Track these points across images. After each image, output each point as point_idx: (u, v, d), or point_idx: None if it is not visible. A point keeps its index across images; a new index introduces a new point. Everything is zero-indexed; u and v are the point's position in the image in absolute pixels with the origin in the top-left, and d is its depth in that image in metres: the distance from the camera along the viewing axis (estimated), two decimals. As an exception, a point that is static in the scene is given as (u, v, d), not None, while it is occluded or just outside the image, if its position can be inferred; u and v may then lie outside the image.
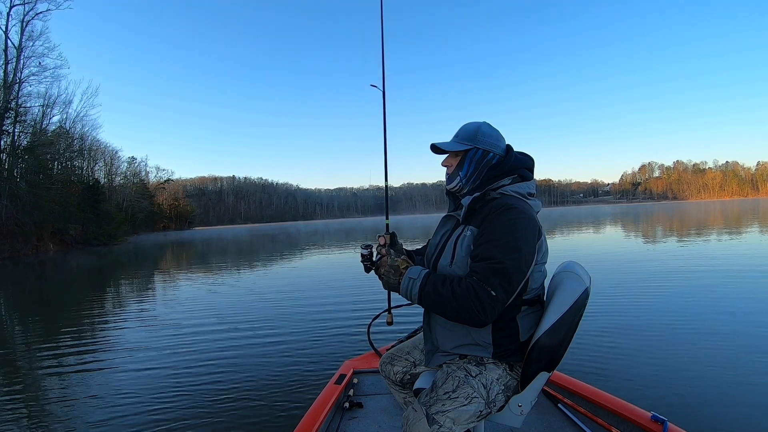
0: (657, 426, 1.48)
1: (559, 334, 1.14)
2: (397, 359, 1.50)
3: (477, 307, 1.03)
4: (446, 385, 1.17)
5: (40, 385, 3.54)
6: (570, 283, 1.20)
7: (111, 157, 57.37)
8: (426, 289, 1.13)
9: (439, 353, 1.28)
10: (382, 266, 1.25)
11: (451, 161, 1.29)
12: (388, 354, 1.54)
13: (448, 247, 1.23)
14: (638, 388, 2.70)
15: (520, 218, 1.11)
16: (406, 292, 1.18)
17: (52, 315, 6.75)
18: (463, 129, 1.29)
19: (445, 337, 1.25)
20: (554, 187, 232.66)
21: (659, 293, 5.53)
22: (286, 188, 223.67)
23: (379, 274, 1.26)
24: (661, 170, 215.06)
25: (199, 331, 5.00)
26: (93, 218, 36.17)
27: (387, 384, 1.57)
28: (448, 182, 1.31)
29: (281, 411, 2.72)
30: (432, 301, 1.12)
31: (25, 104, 30.16)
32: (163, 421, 2.65)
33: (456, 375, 1.18)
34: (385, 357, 1.54)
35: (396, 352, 1.53)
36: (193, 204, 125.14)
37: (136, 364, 3.86)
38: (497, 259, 1.05)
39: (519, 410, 1.21)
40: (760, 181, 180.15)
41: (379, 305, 2.49)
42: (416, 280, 1.16)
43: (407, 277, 1.18)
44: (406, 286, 1.17)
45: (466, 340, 1.21)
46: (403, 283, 1.18)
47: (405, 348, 1.52)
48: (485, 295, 1.03)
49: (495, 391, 1.17)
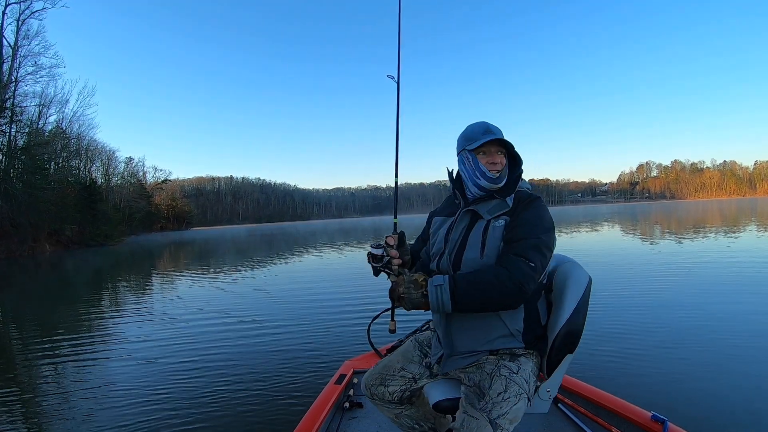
0: (657, 426, 1.48)
1: (580, 316, 1.23)
2: (390, 378, 1.37)
3: (519, 279, 1.07)
4: (495, 387, 1.13)
5: (38, 385, 3.52)
6: (578, 271, 1.30)
7: (108, 158, 57.31)
8: (459, 289, 1.09)
9: (458, 357, 1.24)
10: (400, 285, 1.16)
11: (502, 159, 1.28)
12: (376, 375, 1.40)
13: (472, 240, 1.22)
14: (638, 387, 2.70)
15: (545, 206, 1.23)
16: (436, 302, 1.11)
17: (46, 315, 6.71)
18: (495, 128, 1.29)
19: (471, 337, 1.22)
20: (552, 186, 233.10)
21: (659, 293, 5.54)
22: (284, 188, 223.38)
23: (396, 295, 1.16)
24: (659, 170, 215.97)
25: (198, 331, 4.98)
26: (90, 219, 36.01)
27: (373, 403, 1.43)
28: (497, 180, 1.26)
29: (281, 411, 2.71)
30: (470, 296, 1.09)
31: (21, 104, 30.04)
32: (163, 421, 2.64)
33: (501, 374, 1.16)
34: (372, 379, 1.40)
35: (383, 370, 1.39)
36: (191, 204, 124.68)
37: (134, 364, 3.83)
38: (533, 235, 1.14)
39: (547, 395, 1.25)
40: (758, 180, 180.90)
41: (379, 305, 2.48)
42: (444, 285, 1.11)
43: (432, 287, 1.12)
44: (436, 296, 1.11)
45: (499, 332, 1.20)
46: (431, 295, 1.11)
47: (393, 364, 1.40)
48: (525, 266, 1.09)
49: (532, 383, 1.20)
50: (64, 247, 30.70)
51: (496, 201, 1.25)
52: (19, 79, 29.79)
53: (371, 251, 1.25)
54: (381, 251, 1.24)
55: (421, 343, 1.45)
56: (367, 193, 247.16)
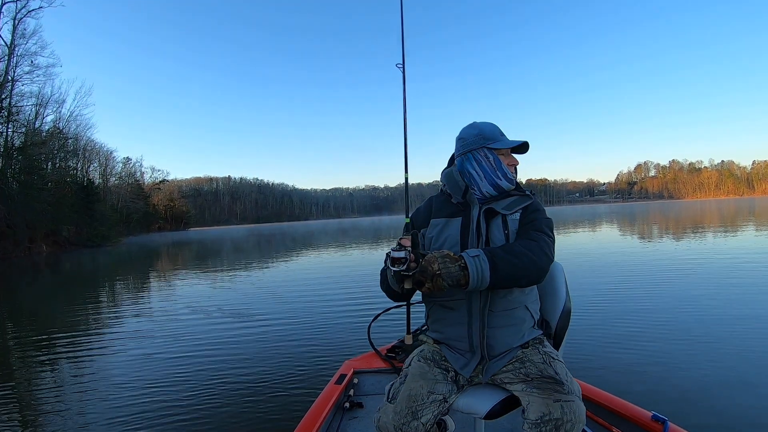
0: (657, 425, 1.48)
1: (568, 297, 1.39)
2: (420, 408, 1.14)
3: (546, 250, 1.17)
4: (558, 370, 1.14)
5: (34, 383, 3.50)
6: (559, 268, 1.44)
7: (106, 158, 57.20)
8: (497, 258, 1.09)
9: (495, 360, 1.22)
10: (433, 262, 1.07)
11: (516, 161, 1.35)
12: (402, 412, 1.14)
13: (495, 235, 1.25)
14: (638, 387, 2.71)
15: None
16: (476, 274, 1.06)
17: (41, 315, 6.67)
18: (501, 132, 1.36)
19: (508, 334, 1.22)
20: (550, 186, 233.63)
21: (659, 292, 5.55)
22: (282, 188, 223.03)
23: (431, 273, 1.06)
24: (657, 169, 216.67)
25: (197, 331, 4.97)
26: (87, 219, 35.90)
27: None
28: (514, 182, 1.33)
29: (281, 411, 2.70)
30: (509, 265, 1.09)
31: (18, 104, 29.91)
32: (163, 421, 2.63)
33: (551, 357, 1.19)
34: (401, 417, 1.13)
35: (410, 403, 1.14)
36: (189, 204, 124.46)
37: (133, 364, 3.81)
38: (545, 218, 1.27)
39: None
40: (756, 180, 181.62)
41: (380, 305, 2.48)
42: (480, 256, 1.09)
43: (470, 258, 1.08)
44: (475, 267, 1.07)
45: (528, 324, 1.26)
46: (471, 266, 1.06)
47: (418, 392, 1.17)
48: (548, 238, 1.21)
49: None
50: (61, 248, 30.56)
51: (514, 198, 1.31)
52: (15, 78, 29.70)
53: (392, 254, 1.14)
54: (404, 254, 1.12)
55: (434, 360, 1.28)
56: (365, 193, 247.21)
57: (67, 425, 2.69)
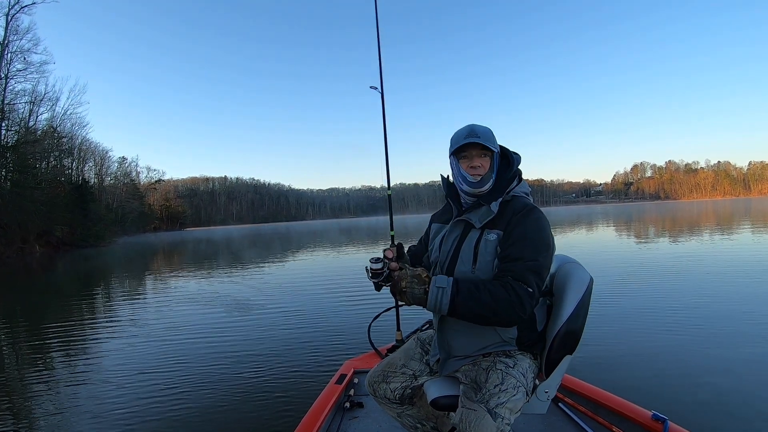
0: (658, 425, 1.49)
1: (579, 318, 1.24)
2: (392, 375, 1.38)
3: (517, 305, 1.06)
4: (492, 379, 1.14)
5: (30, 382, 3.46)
6: (579, 272, 1.30)
7: (101, 157, 56.64)
8: (460, 296, 1.09)
9: (454, 360, 1.27)
10: (402, 279, 1.14)
11: (484, 162, 1.23)
12: (379, 372, 1.41)
13: (464, 253, 1.21)
14: (639, 387, 2.72)
15: (543, 217, 1.19)
16: (434, 302, 1.10)
17: (34, 316, 6.61)
18: (482, 130, 1.24)
19: (465, 343, 1.24)
20: (546, 187, 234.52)
21: (659, 292, 5.59)
22: (278, 189, 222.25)
23: (399, 288, 1.14)
24: (653, 170, 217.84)
25: (197, 331, 4.95)
26: (81, 219, 35.54)
27: (377, 401, 1.43)
28: (479, 185, 1.23)
29: (282, 411, 2.70)
30: (467, 307, 1.09)
31: (12, 102, 29.56)
32: (163, 421, 2.61)
33: (497, 368, 1.18)
34: (375, 376, 1.41)
35: (387, 367, 1.41)
36: (185, 204, 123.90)
37: (132, 364, 3.78)
38: (531, 257, 1.11)
39: (546, 396, 1.26)
40: (752, 180, 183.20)
41: (380, 305, 2.48)
42: (446, 289, 1.10)
43: (434, 287, 1.11)
44: (435, 297, 1.10)
45: (492, 340, 1.22)
46: (431, 294, 1.11)
47: (396, 362, 1.41)
48: (524, 293, 1.07)
49: (530, 378, 1.21)
50: (54, 248, 30.21)
51: (484, 208, 1.22)
52: (9, 75, 29.35)
53: (370, 266, 1.21)
54: (380, 265, 1.20)
55: (423, 341, 1.47)
56: (362, 194, 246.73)
57: (64, 426, 2.67)
